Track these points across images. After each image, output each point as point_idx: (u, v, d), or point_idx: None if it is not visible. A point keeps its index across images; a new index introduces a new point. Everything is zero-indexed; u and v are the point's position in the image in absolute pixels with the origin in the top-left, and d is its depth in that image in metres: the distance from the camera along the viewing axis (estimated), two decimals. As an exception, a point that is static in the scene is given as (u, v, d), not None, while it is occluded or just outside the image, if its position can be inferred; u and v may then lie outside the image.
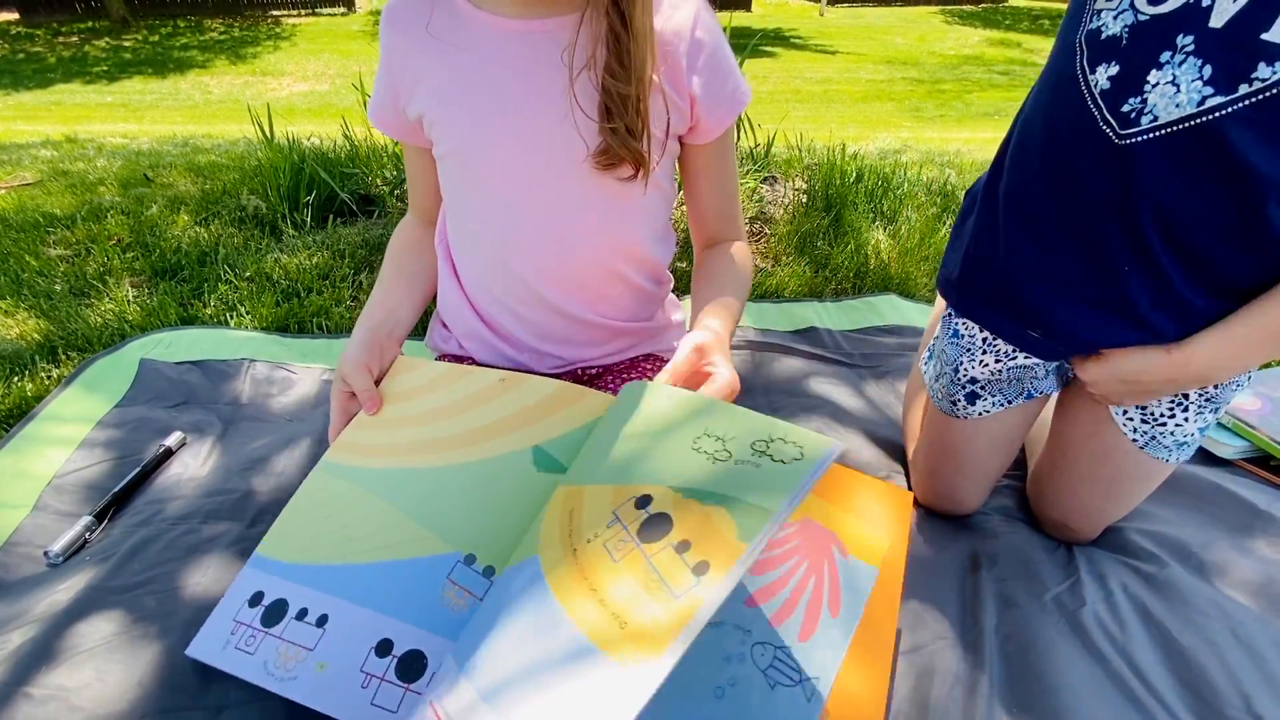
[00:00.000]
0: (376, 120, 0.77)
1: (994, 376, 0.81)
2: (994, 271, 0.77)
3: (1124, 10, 0.62)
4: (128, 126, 4.45)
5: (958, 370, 0.83)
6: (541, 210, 0.74)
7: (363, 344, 0.74)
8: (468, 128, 0.71)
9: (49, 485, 0.89)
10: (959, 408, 0.85)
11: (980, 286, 0.79)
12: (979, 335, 0.81)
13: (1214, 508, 0.90)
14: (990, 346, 0.80)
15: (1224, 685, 0.68)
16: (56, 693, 0.62)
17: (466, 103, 0.70)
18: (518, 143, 0.70)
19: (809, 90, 7.45)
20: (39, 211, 1.69)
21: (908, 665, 0.70)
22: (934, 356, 0.89)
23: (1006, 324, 0.77)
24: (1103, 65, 0.63)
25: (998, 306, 0.77)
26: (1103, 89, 0.63)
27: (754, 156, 1.94)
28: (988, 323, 0.79)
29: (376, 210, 1.75)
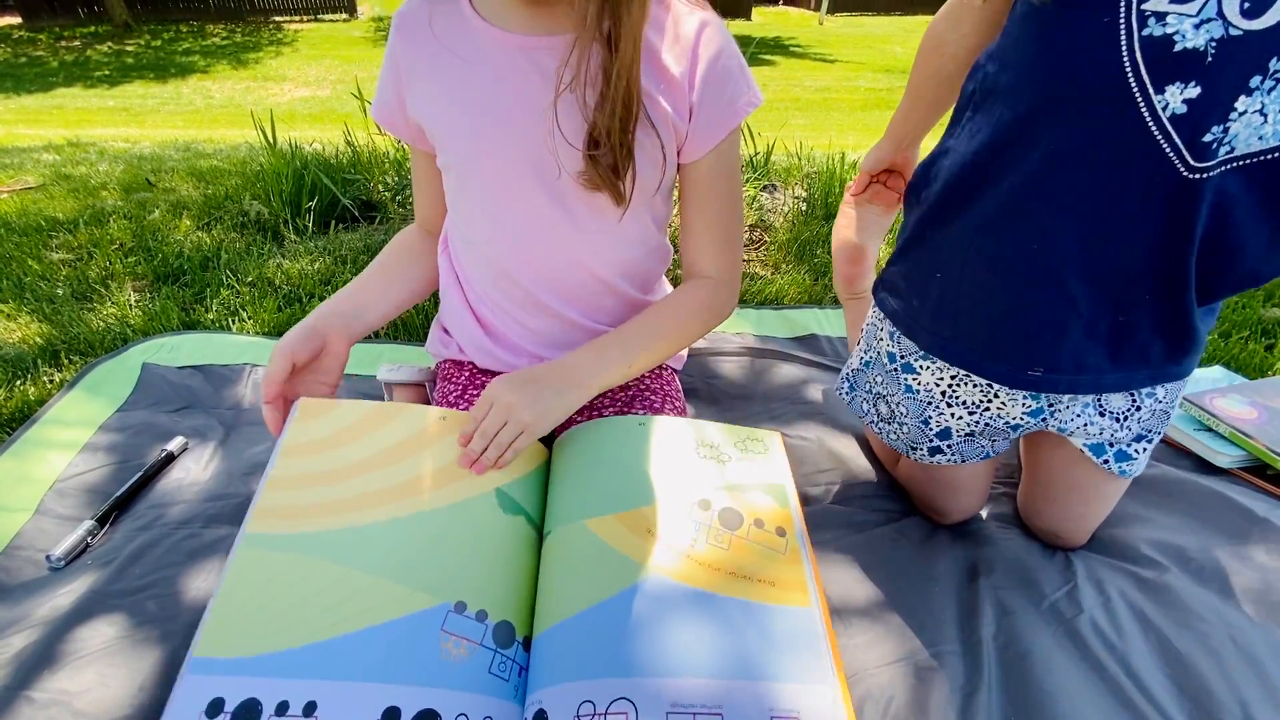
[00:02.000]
0: (381, 118, 0.78)
1: (970, 429, 0.77)
2: (986, 314, 0.69)
3: (1210, 20, 0.51)
4: (129, 131, 4.46)
5: (927, 424, 0.79)
6: (533, 222, 0.75)
7: (304, 329, 0.70)
8: (466, 139, 0.72)
9: (51, 489, 0.90)
10: (919, 455, 0.83)
11: (966, 332, 0.71)
12: (937, 388, 0.76)
13: (1211, 515, 0.91)
14: (954, 399, 0.75)
15: (1222, 692, 0.68)
16: (59, 696, 0.63)
17: (466, 114, 0.71)
18: (511, 155, 0.71)
19: (808, 99, 7.48)
20: (41, 215, 1.70)
21: (906, 672, 0.70)
22: (858, 389, 0.86)
23: (1002, 369, 0.70)
24: (1176, 85, 0.53)
25: (992, 351, 0.70)
26: (1176, 114, 0.53)
27: (754, 165, 1.96)
28: (981, 369, 0.71)
29: (378, 216, 1.75)
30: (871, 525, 0.89)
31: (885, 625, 0.75)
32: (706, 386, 1.16)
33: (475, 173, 0.74)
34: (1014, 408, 0.74)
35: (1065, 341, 0.67)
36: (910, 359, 0.77)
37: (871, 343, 0.82)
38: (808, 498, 0.94)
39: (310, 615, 0.53)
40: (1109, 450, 0.77)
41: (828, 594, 0.78)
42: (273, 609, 0.53)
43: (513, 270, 0.79)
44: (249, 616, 0.53)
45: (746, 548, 0.62)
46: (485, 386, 0.86)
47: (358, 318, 0.76)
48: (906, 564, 0.84)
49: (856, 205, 1.02)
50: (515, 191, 0.73)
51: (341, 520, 0.59)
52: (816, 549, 0.84)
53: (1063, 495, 0.83)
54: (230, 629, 0.52)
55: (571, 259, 0.78)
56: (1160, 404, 0.73)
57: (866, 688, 0.68)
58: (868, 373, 0.84)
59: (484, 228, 0.77)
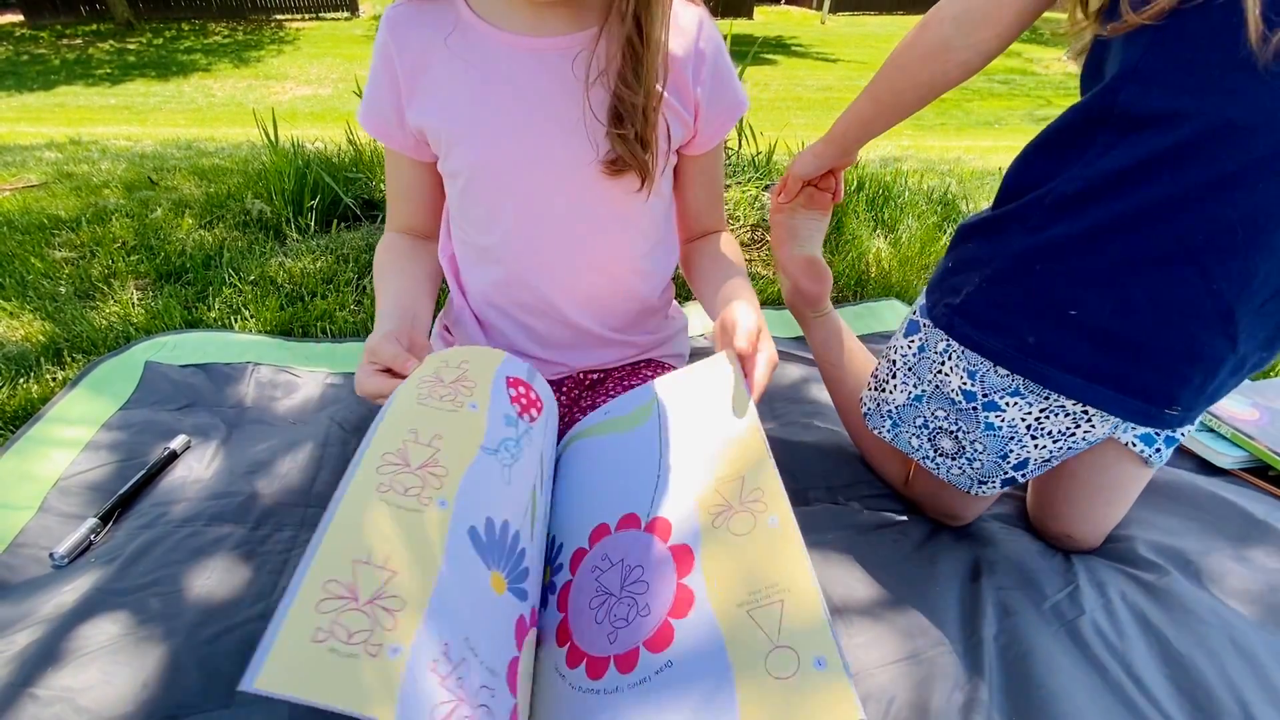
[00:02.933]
0: (369, 125, 0.74)
1: (1049, 456, 0.75)
2: (1138, 353, 0.65)
3: None
4: (131, 129, 4.46)
5: (1005, 458, 0.75)
6: (552, 222, 0.75)
7: (393, 322, 0.67)
8: (480, 148, 0.71)
9: (54, 487, 0.90)
10: (985, 489, 0.80)
11: (1114, 363, 0.66)
12: (1023, 423, 0.72)
13: (1212, 517, 0.91)
14: (1040, 431, 0.72)
15: (1222, 694, 0.68)
16: (62, 694, 0.63)
17: (480, 118, 0.70)
18: (530, 159, 0.71)
19: (810, 98, 7.47)
20: (44, 213, 1.70)
21: (908, 671, 0.70)
22: (902, 425, 0.81)
23: (1139, 406, 0.67)
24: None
25: (1127, 388, 0.66)
26: None
27: (755, 164, 1.95)
28: (1116, 408, 0.67)
29: (380, 215, 1.76)
30: (873, 525, 0.89)
31: (887, 625, 0.75)
32: (708, 386, 1.16)
33: (488, 179, 0.73)
34: (1102, 426, 0.72)
35: (1209, 383, 0.66)
36: (994, 397, 0.73)
37: (926, 376, 0.78)
38: (808, 498, 0.94)
39: None
40: (1159, 438, 0.77)
41: (829, 595, 0.78)
42: None
43: (527, 275, 0.78)
44: None
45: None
46: None
47: (419, 319, 0.72)
48: (908, 564, 0.84)
49: (789, 214, 0.95)
50: (533, 196, 0.73)
51: None
52: (817, 549, 0.84)
53: (1089, 496, 0.82)
54: None
55: (589, 260, 0.78)
56: None
57: (868, 688, 0.68)
58: (921, 407, 0.79)
59: (496, 233, 0.76)
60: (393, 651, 0.39)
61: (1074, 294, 0.65)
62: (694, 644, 0.50)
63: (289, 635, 0.37)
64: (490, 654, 0.43)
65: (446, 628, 0.42)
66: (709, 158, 0.80)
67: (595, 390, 0.88)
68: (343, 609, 0.39)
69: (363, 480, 0.48)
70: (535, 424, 0.64)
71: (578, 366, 0.87)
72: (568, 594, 0.59)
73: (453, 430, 0.54)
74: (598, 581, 0.58)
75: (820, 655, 0.45)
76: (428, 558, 0.45)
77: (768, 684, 0.45)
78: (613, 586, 0.57)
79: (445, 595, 0.43)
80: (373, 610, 0.40)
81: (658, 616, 0.54)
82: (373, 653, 0.38)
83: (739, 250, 0.86)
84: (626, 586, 0.57)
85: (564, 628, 0.57)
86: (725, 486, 0.58)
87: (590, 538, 0.62)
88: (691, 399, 0.67)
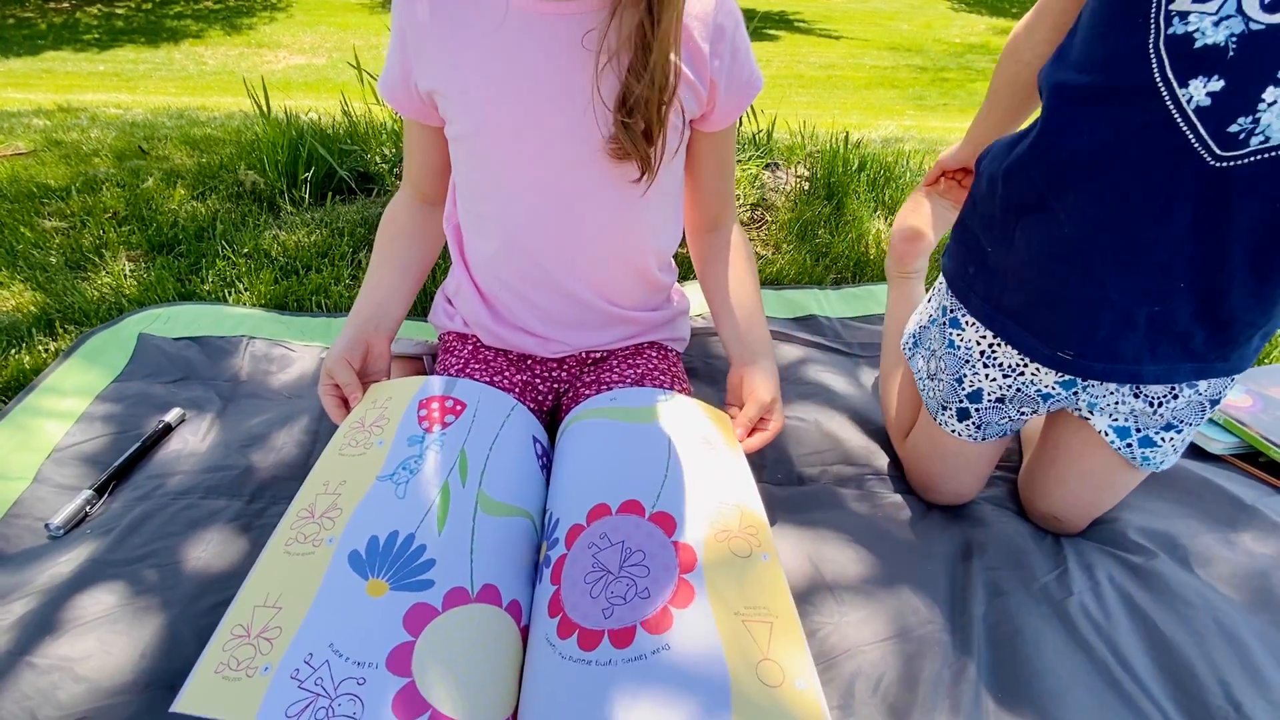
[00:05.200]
0: (387, 95, 0.76)
1: (1001, 392, 0.79)
2: (1025, 292, 0.72)
3: (1229, 16, 0.54)
4: (121, 96, 4.38)
5: (960, 381, 0.81)
6: (556, 195, 0.74)
7: (348, 340, 0.76)
8: (487, 110, 0.70)
9: (49, 458, 0.90)
10: (945, 417, 0.85)
11: (1008, 301, 0.74)
12: (977, 347, 0.79)
13: (1202, 502, 0.92)
14: (991, 360, 0.78)
15: (1205, 674, 0.70)
16: (60, 662, 0.63)
17: (487, 85, 0.69)
18: (536, 127, 0.70)
19: (812, 75, 7.38)
20: (33, 182, 1.67)
21: (898, 648, 0.71)
22: (920, 345, 0.88)
23: (1036, 345, 0.73)
24: (1199, 79, 0.56)
25: (1028, 327, 0.73)
26: (1200, 105, 0.56)
27: (756, 142, 1.93)
28: (1016, 342, 0.74)
29: (375, 188, 1.73)
30: (866, 505, 0.90)
31: (879, 603, 0.76)
32: (706, 366, 1.16)
33: (493, 144, 0.72)
34: (1046, 377, 0.76)
35: (1098, 330, 0.68)
36: (958, 314, 0.80)
37: (939, 300, 0.84)
38: (804, 478, 0.95)
39: None
40: (1134, 435, 0.77)
41: (822, 572, 0.79)
42: None
43: (526, 246, 0.78)
44: None
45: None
46: (493, 361, 0.86)
47: (385, 315, 0.80)
48: (900, 543, 0.85)
49: (927, 195, 1.06)
50: (536, 163, 0.72)
51: None
52: (812, 528, 0.85)
53: (1074, 480, 0.83)
54: None
55: (591, 232, 0.77)
56: (1200, 396, 0.73)
57: (858, 664, 0.69)
58: (930, 330, 0.86)
59: (500, 201, 0.76)
60: (264, 670, 0.50)
61: (988, 234, 0.75)
62: (693, 634, 0.53)
63: (201, 670, 0.50)
64: (362, 650, 0.52)
65: (312, 641, 0.52)
66: (723, 136, 0.79)
67: (599, 366, 0.88)
68: (239, 644, 0.52)
69: (276, 539, 0.61)
70: (451, 427, 0.70)
71: (580, 345, 0.87)
72: (561, 567, 0.60)
73: (355, 473, 0.65)
74: (595, 558, 0.59)
75: (802, 679, 0.52)
76: (308, 590, 0.55)
77: (757, 686, 0.51)
78: (611, 565, 0.58)
79: (316, 616, 0.53)
80: (257, 641, 0.52)
81: (658, 602, 0.55)
82: (250, 674, 0.50)
83: (751, 252, 0.87)
84: (626, 567, 0.58)
85: (556, 600, 0.58)
86: (728, 513, 0.63)
87: (588, 515, 0.63)
88: (703, 433, 0.73)
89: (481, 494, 0.65)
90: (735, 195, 0.89)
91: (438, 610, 0.55)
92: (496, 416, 0.73)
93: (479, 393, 0.74)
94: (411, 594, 0.56)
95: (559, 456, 0.74)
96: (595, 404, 0.76)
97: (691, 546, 0.59)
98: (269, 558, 0.59)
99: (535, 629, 0.59)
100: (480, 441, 0.69)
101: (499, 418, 0.73)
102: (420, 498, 0.62)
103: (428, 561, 0.58)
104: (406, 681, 0.51)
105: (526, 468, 0.72)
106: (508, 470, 0.69)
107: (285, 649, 0.51)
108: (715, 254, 0.85)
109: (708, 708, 0.48)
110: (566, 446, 0.74)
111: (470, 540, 0.61)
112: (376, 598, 0.55)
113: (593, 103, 0.67)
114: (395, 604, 0.55)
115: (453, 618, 0.56)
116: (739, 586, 0.57)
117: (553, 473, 0.73)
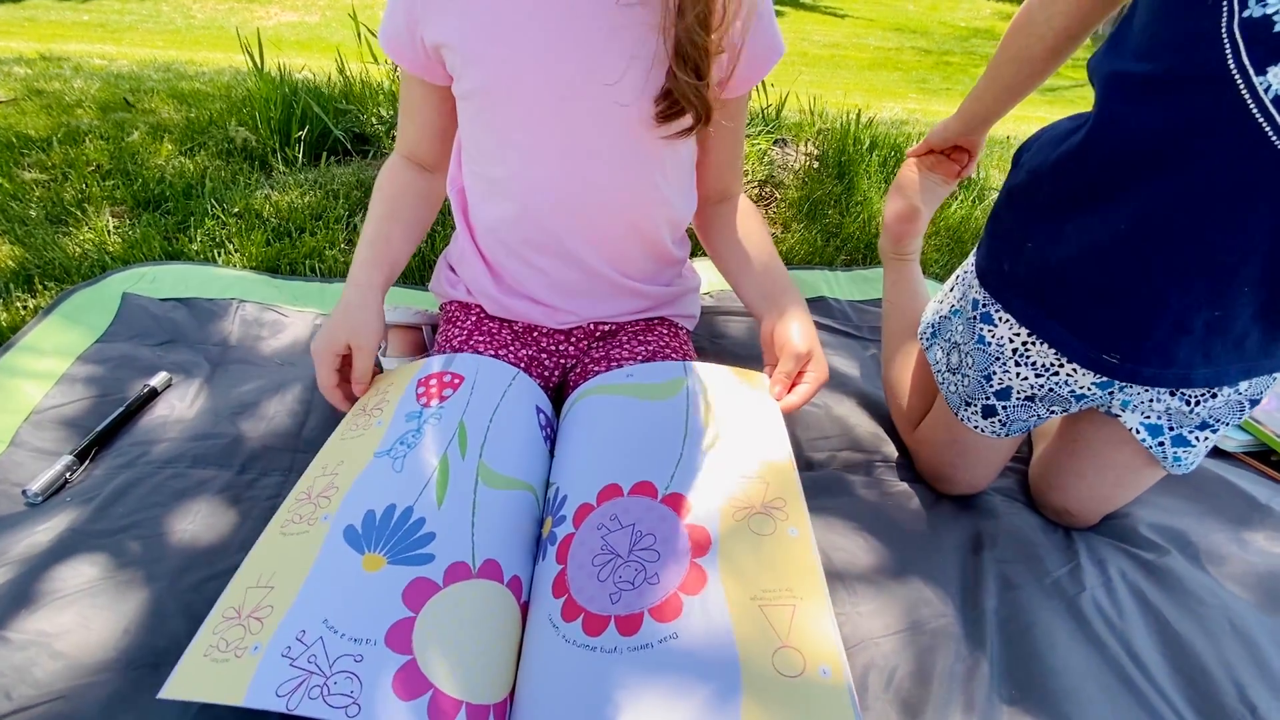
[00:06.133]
0: (388, 47, 0.70)
1: (1032, 391, 0.76)
2: (1070, 288, 0.68)
3: None
4: (105, 47, 4.22)
5: (989, 378, 0.78)
6: (573, 160, 0.70)
7: (375, 309, 0.72)
8: (500, 65, 0.65)
9: (27, 420, 0.85)
10: (968, 413, 0.81)
11: (1050, 299, 0.70)
12: (1009, 345, 0.74)
13: (1215, 499, 0.91)
14: (1024, 359, 0.74)
15: (1219, 674, 0.69)
16: (37, 638, 0.60)
17: (500, 37, 0.64)
18: (555, 84, 0.65)
19: (816, 54, 7.27)
20: (12, 131, 1.60)
21: (909, 642, 0.69)
22: (939, 336, 0.85)
23: (1079, 346, 0.69)
24: (1278, 66, 0.52)
25: (1071, 327, 0.69)
26: (1278, 94, 0.53)
27: (765, 118, 1.88)
28: (1057, 342, 0.70)
29: (371, 150, 1.67)
30: (875, 493, 0.88)
31: (890, 594, 0.74)
32: (713, 346, 1.13)
33: (505, 104, 0.68)
34: (1084, 378, 0.72)
35: (1152, 334, 0.65)
36: (990, 309, 0.76)
37: (964, 291, 0.80)
38: (812, 463, 0.92)
39: None
40: (1166, 434, 0.74)
41: (832, 561, 0.77)
42: None
43: (538, 213, 0.74)
44: None
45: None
46: (498, 334, 0.83)
47: (395, 276, 0.76)
48: (910, 533, 0.83)
49: (916, 169, 1.02)
50: (552, 125, 0.68)
51: None
52: (821, 515, 0.83)
53: (1093, 474, 0.81)
54: None
55: (606, 199, 0.73)
56: (1240, 395, 0.70)
57: (870, 656, 0.67)
58: (952, 321, 0.82)
59: (510, 165, 0.71)
60: (254, 649, 0.48)
61: (1029, 229, 0.71)
62: (703, 623, 0.50)
63: (190, 655, 0.49)
64: (359, 627, 0.49)
65: (305, 618, 0.50)
66: (737, 105, 0.75)
67: (607, 341, 0.85)
68: (229, 626, 0.50)
69: (273, 523, 0.59)
70: (449, 401, 0.68)
71: (589, 316, 0.83)
72: (568, 547, 0.58)
73: (353, 453, 0.64)
74: (604, 540, 0.56)
75: (826, 665, 0.48)
76: (301, 567, 0.53)
77: (772, 677, 0.47)
78: (620, 548, 0.55)
79: (310, 592, 0.51)
80: (247, 621, 0.50)
81: (667, 588, 0.52)
82: (239, 654, 0.48)
83: (763, 221, 0.82)
84: (635, 551, 0.55)
85: (561, 580, 0.56)
86: (751, 487, 0.60)
87: (599, 495, 0.60)
88: (728, 402, 0.68)
89: (482, 465, 0.63)
90: (742, 167, 0.85)
91: (439, 585, 0.53)
92: (497, 387, 0.70)
93: (477, 364, 0.72)
94: (411, 568, 0.53)
95: (568, 429, 0.71)
96: (611, 379, 0.73)
97: (705, 528, 0.56)
98: (265, 541, 0.58)
99: (537, 607, 0.56)
100: (480, 412, 0.67)
101: (499, 388, 0.70)
102: (419, 471, 0.60)
103: (427, 535, 0.56)
104: (407, 659, 0.48)
105: (529, 439, 0.69)
106: (510, 442, 0.66)
107: (276, 627, 0.49)
108: (724, 220, 0.82)
109: (717, 700, 0.46)
110: (579, 419, 0.71)
111: (471, 514, 0.59)
112: (373, 572, 0.53)
113: (649, 57, 0.62)
114: (394, 579, 0.53)
115: (454, 593, 0.54)
116: (759, 567, 0.54)
117: (562, 447, 0.70)
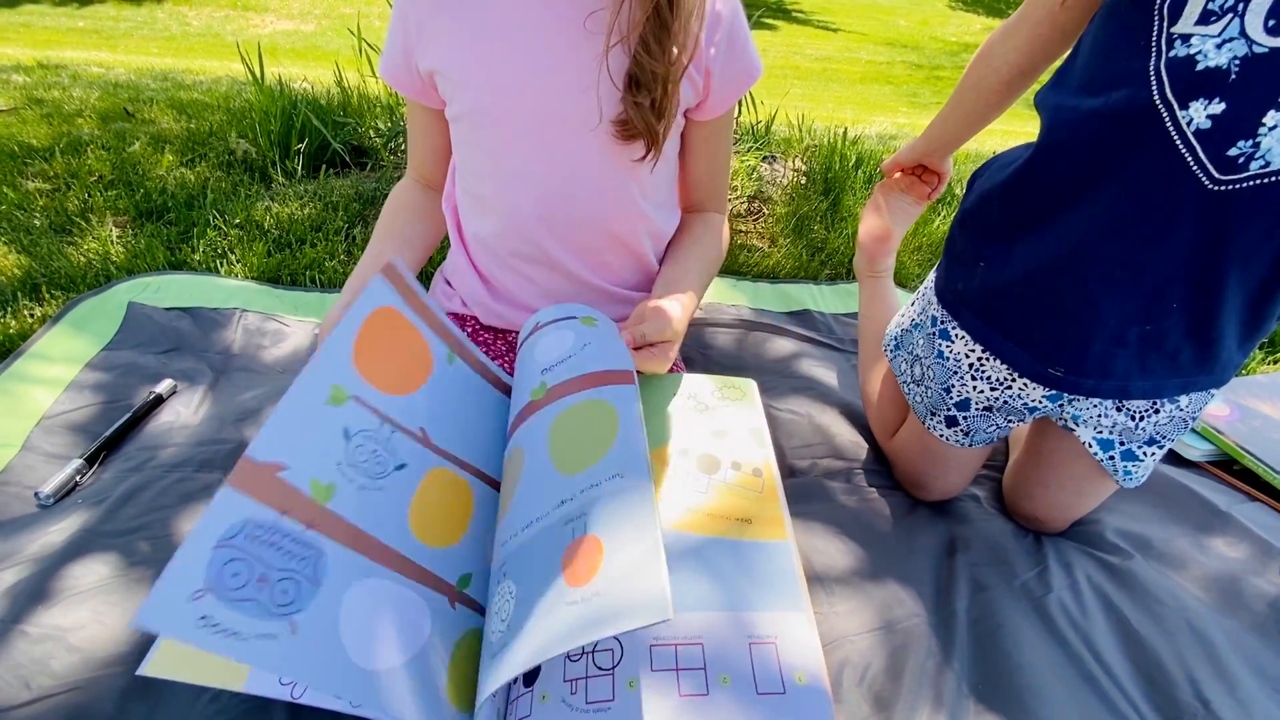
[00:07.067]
0: (388, 76, 0.75)
1: (988, 404, 0.80)
2: (1017, 306, 0.72)
3: (1231, 40, 0.54)
4: (102, 55, 4.24)
5: (949, 391, 0.82)
6: (554, 176, 0.74)
7: None
8: (485, 90, 0.70)
9: (38, 425, 0.88)
10: (933, 422, 0.85)
11: (1000, 316, 0.74)
12: (965, 360, 0.79)
13: (1178, 507, 0.95)
14: (979, 373, 0.78)
15: (1175, 670, 0.73)
16: (53, 631, 0.63)
17: (485, 64, 0.69)
18: (535, 107, 0.70)
19: (808, 68, 7.36)
20: (14, 140, 1.62)
21: (883, 640, 0.73)
22: (901, 348, 0.88)
23: (1027, 360, 0.73)
24: (1199, 101, 0.56)
25: (1019, 342, 0.73)
26: (1200, 128, 0.56)
27: (754, 134, 1.93)
28: (1007, 357, 0.74)
29: (369, 163, 1.71)
30: (854, 499, 0.92)
31: (865, 595, 0.78)
32: (700, 356, 1.16)
33: (490, 124, 0.72)
34: (1034, 391, 0.76)
35: (1090, 347, 0.69)
36: (948, 325, 0.80)
37: (924, 307, 0.85)
38: (794, 470, 0.96)
39: None
40: (1117, 448, 0.79)
41: (812, 564, 0.81)
42: None
43: (525, 225, 0.78)
44: None
45: (725, 489, 0.65)
46: (492, 345, 0.86)
47: None
48: (888, 537, 0.87)
49: (889, 191, 1.05)
50: (534, 143, 0.72)
51: None
52: (802, 520, 0.86)
53: (1056, 484, 0.85)
54: None
55: (588, 213, 0.77)
56: (1181, 411, 0.75)
57: (845, 654, 0.71)
58: (913, 334, 0.86)
59: (497, 182, 0.76)
60: None
61: (981, 251, 0.75)
62: None
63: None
64: None
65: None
66: (716, 125, 0.79)
67: None
68: None
69: None
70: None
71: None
72: None
73: None
74: None
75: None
76: None
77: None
78: None
79: None
80: None
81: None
82: None
83: (724, 239, 0.86)
84: None
85: None
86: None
87: None
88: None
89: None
90: (728, 190, 0.88)
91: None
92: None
93: None
94: None
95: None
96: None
97: None
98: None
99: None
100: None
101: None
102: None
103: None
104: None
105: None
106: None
107: None
108: (684, 226, 0.86)
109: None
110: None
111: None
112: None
113: (598, 83, 0.66)
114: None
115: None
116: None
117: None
